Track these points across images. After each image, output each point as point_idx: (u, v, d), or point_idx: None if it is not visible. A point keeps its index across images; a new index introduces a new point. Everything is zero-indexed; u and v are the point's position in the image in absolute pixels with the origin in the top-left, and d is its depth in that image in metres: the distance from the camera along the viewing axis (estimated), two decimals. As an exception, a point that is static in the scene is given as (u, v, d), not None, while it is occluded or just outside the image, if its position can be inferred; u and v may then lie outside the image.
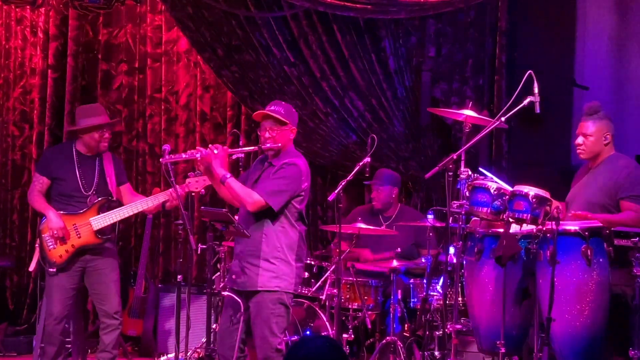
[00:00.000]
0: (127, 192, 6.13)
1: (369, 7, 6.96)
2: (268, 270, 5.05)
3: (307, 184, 5.17)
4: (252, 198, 5.02)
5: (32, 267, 5.97)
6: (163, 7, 7.83)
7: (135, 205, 5.94)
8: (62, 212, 5.86)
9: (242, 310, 5.08)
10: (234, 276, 5.09)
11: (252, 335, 5.10)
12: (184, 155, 5.27)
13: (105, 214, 5.90)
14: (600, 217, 5.03)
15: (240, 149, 5.78)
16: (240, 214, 5.22)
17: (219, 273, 6.53)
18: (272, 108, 5.20)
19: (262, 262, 5.05)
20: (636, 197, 5.16)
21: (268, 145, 5.14)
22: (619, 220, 5.11)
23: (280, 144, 5.14)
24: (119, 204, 6.02)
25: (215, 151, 5.08)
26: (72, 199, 5.91)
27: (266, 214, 5.06)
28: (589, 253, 4.83)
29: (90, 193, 5.92)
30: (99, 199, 5.92)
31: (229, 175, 5.07)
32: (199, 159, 5.09)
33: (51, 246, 5.83)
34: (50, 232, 5.80)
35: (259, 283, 5.05)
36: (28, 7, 7.85)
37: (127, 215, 5.96)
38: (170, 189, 5.77)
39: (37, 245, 5.91)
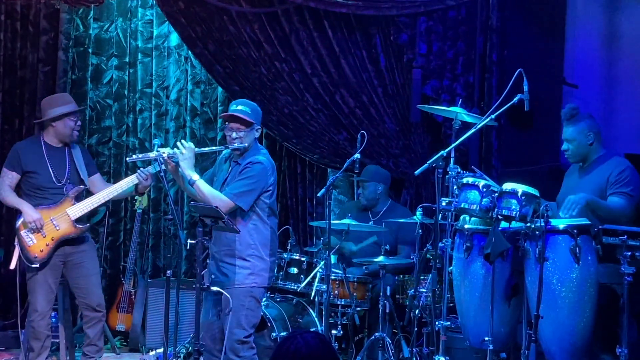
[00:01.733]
0: (98, 182, 6.13)
1: (360, 3, 6.97)
2: (244, 268, 5.18)
3: (273, 178, 5.24)
4: (222, 201, 5.07)
5: (12, 266, 5.92)
6: (154, 1, 7.81)
7: (109, 191, 5.94)
8: (36, 207, 5.85)
9: (222, 304, 5.18)
10: (212, 276, 5.21)
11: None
12: (150, 155, 5.27)
13: (81, 202, 5.90)
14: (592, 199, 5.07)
15: (207, 149, 5.81)
16: None
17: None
18: (239, 109, 5.22)
19: (238, 260, 5.17)
20: (623, 194, 5.18)
21: (235, 145, 5.19)
22: (606, 205, 5.13)
23: (246, 144, 5.21)
24: (92, 194, 6.02)
25: (184, 151, 5.11)
26: (46, 192, 5.90)
27: (236, 213, 5.14)
28: (577, 251, 4.85)
29: (63, 183, 5.92)
30: (74, 188, 5.92)
31: (197, 177, 5.12)
32: (166, 159, 5.13)
33: (30, 242, 5.82)
34: (29, 225, 5.79)
35: (236, 281, 5.16)
36: (18, 0, 7.82)
37: (102, 201, 5.97)
38: (139, 171, 5.80)
39: (15, 243, 5.89)
